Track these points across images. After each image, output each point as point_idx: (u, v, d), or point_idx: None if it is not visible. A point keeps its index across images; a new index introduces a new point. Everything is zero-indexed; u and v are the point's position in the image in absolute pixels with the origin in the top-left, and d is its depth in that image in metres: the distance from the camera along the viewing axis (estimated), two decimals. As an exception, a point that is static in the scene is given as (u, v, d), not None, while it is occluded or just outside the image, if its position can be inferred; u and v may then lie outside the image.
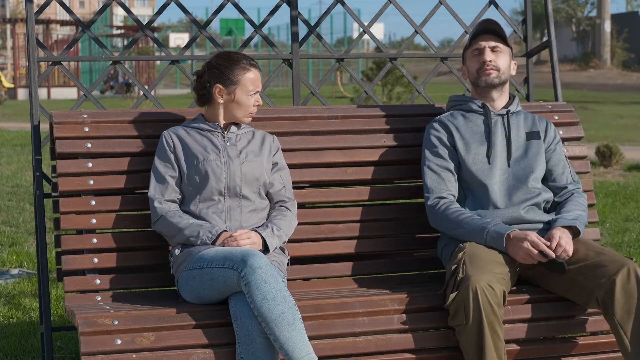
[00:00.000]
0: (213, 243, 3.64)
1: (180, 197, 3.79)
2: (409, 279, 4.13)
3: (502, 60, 3.94)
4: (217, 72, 3.79)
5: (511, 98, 4.04)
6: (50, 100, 32.48)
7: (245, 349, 3.33)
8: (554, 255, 3.61)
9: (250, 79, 3.79)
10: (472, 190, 3.90)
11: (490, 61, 3.92)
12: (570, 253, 3.65)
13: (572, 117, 4.42)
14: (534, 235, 3.64)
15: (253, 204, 3.78)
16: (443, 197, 3.86)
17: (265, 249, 3.68)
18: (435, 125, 3.99)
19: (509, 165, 3.90)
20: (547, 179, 3.97)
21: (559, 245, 3.64)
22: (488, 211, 3.83)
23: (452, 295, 3.50)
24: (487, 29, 3.94)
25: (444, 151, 3.92)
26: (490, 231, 3.70)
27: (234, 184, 3.75)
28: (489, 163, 3.89)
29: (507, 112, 3.97)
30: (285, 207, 3.85)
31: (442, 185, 3.89)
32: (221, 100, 3.80)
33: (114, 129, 3.96)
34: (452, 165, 3.91)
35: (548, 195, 3.91)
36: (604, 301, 3.51)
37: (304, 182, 4.10)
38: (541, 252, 3.63)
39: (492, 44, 3.93)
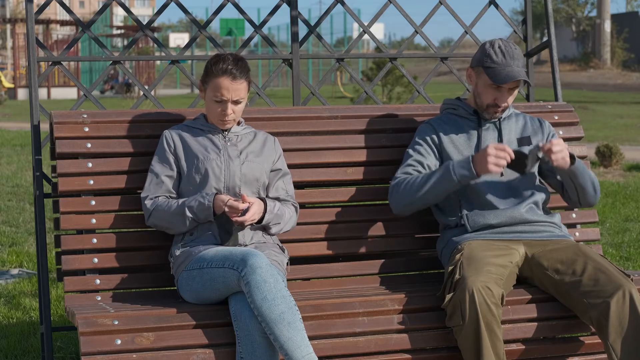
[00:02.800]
0: (216, 215, 3.63)
1: (174, 196, 3.78)
2: (409, 279, 4.14)
3: (512, 97, 3.91)
4: (205, 68, 3.80)
5: None
6: (50, 100, 32.47)
7: (245, 348, 3.33)
8: (512, 156, 3.65)
9: (217, 84, 3.70)
10: (466, 196, 3.89)
11: (504, 105, 3.89)
12: (563, 161, 3.71)
13: (572, 117, 4.42)
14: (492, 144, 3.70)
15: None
16: (401, 176, 3.86)
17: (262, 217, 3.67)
18: (423, 127, 3.99)
19: (502, 174, 3.88)
20: (553, 174, 3.96)
21: (557, 145, 3.69)
22: (487, 211, 3.83)
23: (448, 296, 3.51)
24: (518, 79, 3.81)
25: (425, 150, 3.91)
26: (455, 166, 3.72)
27: (234, 184, 3.75)
28: None
29: (499, 118, 3.96)
30: (291, 204, 3.85)
31: (407, 171, 3.89)
32: (202, 96, 3.81)
33: (114, 129, 3.96)
34: (427, 162, 3.89)
35: (543, 195, 3.90)
36: (599, 322, 3.51)
37: (304, 182, 4.10)
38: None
39: (513, 86, 3.85)
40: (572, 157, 3.79)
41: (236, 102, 3.74)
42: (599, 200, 9.10)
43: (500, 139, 3.92)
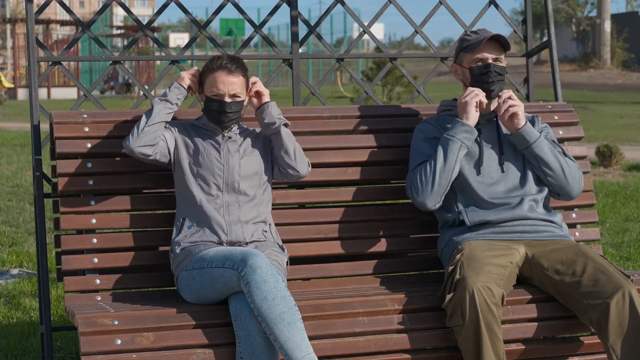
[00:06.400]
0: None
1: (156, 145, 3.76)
2: (409, 279, 4.14)
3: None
4: (202, 69, 3.82)
5: None
6: (50, 100, 32.46)
7: (245, 349, 3.33)
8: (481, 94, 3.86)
9: (213, 79, 3.75)
10: (463, 190, 3.89)
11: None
12: (510, 117, 3.84)
13: (572, 117, 4.42)
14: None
15: (253, 199, 3.78)
16: (413, 176, 3.88)
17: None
18: (422, 126, 4.01)
19: (502, 171, 3.89)
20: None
21: (508, 101, 3.83)
22: (486, 206, 3.82)
23: (448, 296, 3.51)
24: (494, 38, 3.88)
25: (430, 145, 3.91)
26: (451, 134, 3.82)
27: (232, 180, 3.75)
28: (481, 167, 3.87)
29: (496, 115, 3.97)
30: None
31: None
32: (201, 98, 3.82)
33: (114, 129, 3.96)
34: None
35: (542, 193, 3.90)
36: (599, 323, 3.50)
37: (304, 182, 4.09)
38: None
39: (494, 55, 3.90)
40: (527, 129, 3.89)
41: (233, 97, 3.75)
42: (599, 200, 9.16)
43: (498, 136, 3.92)
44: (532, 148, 3.85)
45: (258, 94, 3.87)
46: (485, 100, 3.86)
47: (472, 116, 3.84)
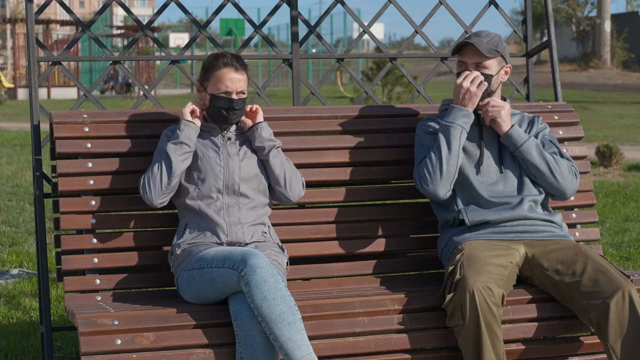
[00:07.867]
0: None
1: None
2: (409, 279, 4.14)
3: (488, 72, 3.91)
4: (204, 67, 3.81)
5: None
6: (50, 100, 32.47)
7: (245, 349, 3.33)
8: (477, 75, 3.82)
9: (220, 76, 3.75)
10: (462, 190, 3.89)
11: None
12: (494, 119, 3.85)
13: (572, 117, 4.42)
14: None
15: (252, 201, 3.78)
16: (420, 169, 3.88)
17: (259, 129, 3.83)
18: (423, 123, 4.01)
19: (501, 171, 3.89)
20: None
21: (490, 109, 3.84)
22: (485, 206, 3.82)
23: (449, 296, 3.51)
24: (466, 43, 3.88)
25: (434, 138, 3.90)
26: (450, 120, 3.81)
27: (232, 182, 3.75)
28: (481, 167, 3.87)
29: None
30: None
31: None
32: (202, 97, 3.82)
33: (114, 129, 3.96)
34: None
35: (541, 194, 3.90)
36: (598, 323, 3.50)
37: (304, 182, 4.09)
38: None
39: (475, 60, 3.89)
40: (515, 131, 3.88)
41: (239, 94, 3.77)
42: (599, 200, 9.16)
43: (497, 136, 3.92)
44: (519, 151, 3.85)
45: (254, 112, 3.85)
46: (484, 82, 3.86)
47: (474, 103, 3.84)
